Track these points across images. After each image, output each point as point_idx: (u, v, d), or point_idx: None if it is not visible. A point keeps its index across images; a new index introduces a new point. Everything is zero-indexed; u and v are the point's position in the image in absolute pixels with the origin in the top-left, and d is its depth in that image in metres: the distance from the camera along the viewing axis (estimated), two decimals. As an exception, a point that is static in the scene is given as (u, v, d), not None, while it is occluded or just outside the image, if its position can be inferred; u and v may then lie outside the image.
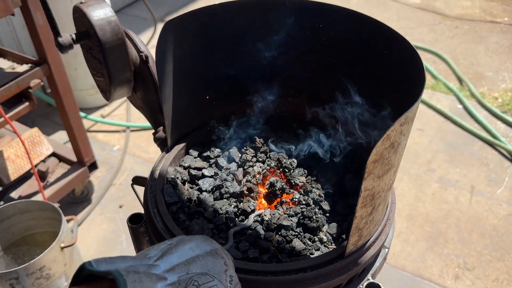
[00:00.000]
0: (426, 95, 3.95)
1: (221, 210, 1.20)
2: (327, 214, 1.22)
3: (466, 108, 3.81)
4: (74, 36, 1.31)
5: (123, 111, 3.85)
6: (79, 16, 1.30)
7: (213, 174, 1.33)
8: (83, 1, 1.30)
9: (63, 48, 1.31)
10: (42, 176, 2.80)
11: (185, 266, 0.75)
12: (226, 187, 1.25)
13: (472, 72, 4.27)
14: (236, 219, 1.18)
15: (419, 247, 2.77)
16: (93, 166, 2.97)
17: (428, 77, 4.19)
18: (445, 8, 5.34)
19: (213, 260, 0.78)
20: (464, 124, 3.62)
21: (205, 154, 1.41)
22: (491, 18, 5.13)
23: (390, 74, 1.17)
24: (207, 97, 1.45)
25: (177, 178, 1.29)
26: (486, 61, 4.43)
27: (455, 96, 3.95)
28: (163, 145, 1.45)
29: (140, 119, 3.76)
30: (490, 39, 4.76)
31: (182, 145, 1.39)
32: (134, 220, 1.21)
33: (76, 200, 3.06)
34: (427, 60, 4.41)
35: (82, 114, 3.56)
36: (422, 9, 5.35)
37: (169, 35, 1.19)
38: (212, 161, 1.38)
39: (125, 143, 3.52)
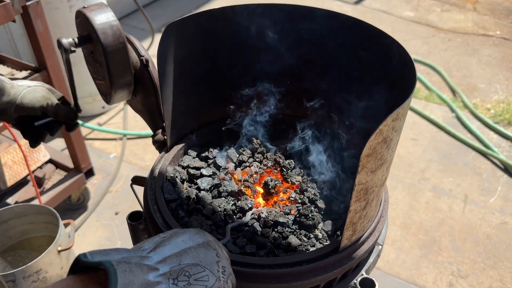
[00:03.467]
0: (420, 105, 4.01)
1: (219, 207, 1.22)
2: (322, 212, 1.25)
3: (459, 119, 3.87)
4: (76, 40, 1.34)
5: (119, 119, 3.88)
6: (82, 20, 1.33)
7: (211, 173, 1.36)
8: (86, 6, 1.33)
9: (66, 51, 1.34)
10: (39, 182, 2.81)
11: (177, 258, 0.77)
12: (224, 185, 1.28)
13: (465, 84, 4.34)
14: (234, 216, 1.21)
15: (413, 254, 2.79)
16: (89, 173, 2.98)
17: (422, 88, 4.26)
18: (439, 22, 5.43)
19: (205, 252, 0.80)
20: (458, 135, 3.67)
21: (203, 154, 1.44)
22: (484, 31, 5.23)
23: (383, 74, 1.21)
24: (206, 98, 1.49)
25: (176, 177, 1.31)
26: (478, 73, 4.51)
27: (449, 107, 4.01)
28: (161, 147, 1.47)
29: (136, 127, 3.79)
30: (483, 51, 4.85)
31: (181, 145, 1.42)
32: (133, 218, 1.24)
33: (72, 207, 3.06)
34: (421, 72, 4.47)
35: (79, 121, 3.58)
36: (416, 22, 5.44)
37: (170, 37, 1.22)
38: (210, 161, 1.41)
39: (122, 150, 3.54)
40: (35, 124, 1.32)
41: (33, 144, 1.38)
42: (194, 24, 1.29)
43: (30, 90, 1.29)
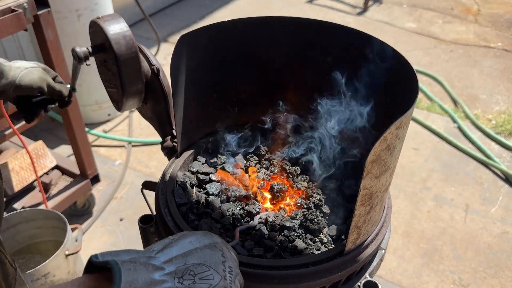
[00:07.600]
0: (421, 115, 4.06)
1: (228, 211, 1.27)
2: (327, 217, 1.29)
3: (460, 129, 3.91)
4: (90, 49, 1.39)
5: (125, 127, 3.93)
6: (95, 30, 1.38)
7: (220, 178, 1.40)
8: (99, 16, 1.38)
9: (80, 60, 1.39)
10: (45, 188, 2.85)
11: (183, 258, 0.81)
12: (232, 190, 1.33)
13: (467, 95, 4.38)
14: (242, 220, 1.25)
15: (415, 263, 2.82)
16: (95, 179, 3.02)
17: (424, 98, 4.31)
18: (440, 33, 5.49)
19: (210, 252, 0.84)
20: (459, 145, 3.71)
21: (212, 160, 1.48)
22: (485, 43, 5.29)
23: (386, 84, 1.25)
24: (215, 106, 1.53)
25: (186, 181, 1.36)
26: (480, 84, 4.56)
27: (450, 117, 4.05)
28: (170, 154, 1.51)
29: (141, 134, 3.83)
30: (484, 63, 4.90)
31: (191, 151, 1.46)
32: (144, 221, 1.28)
33: (78, 213, 3.10)
34: (422, 83, 4.53)
35: (85, 129, 3.64)
36: (417, 33, 5.50)
37: (183, 47, 1.27)
38: (219, 167, 1.45)
39: (127, 157, 3.59)
40: (32, 100, 1.47)
41: (29, 120, 1.52)
42: (206, 35, 1.34)
43: (27, 72, 1.39)
